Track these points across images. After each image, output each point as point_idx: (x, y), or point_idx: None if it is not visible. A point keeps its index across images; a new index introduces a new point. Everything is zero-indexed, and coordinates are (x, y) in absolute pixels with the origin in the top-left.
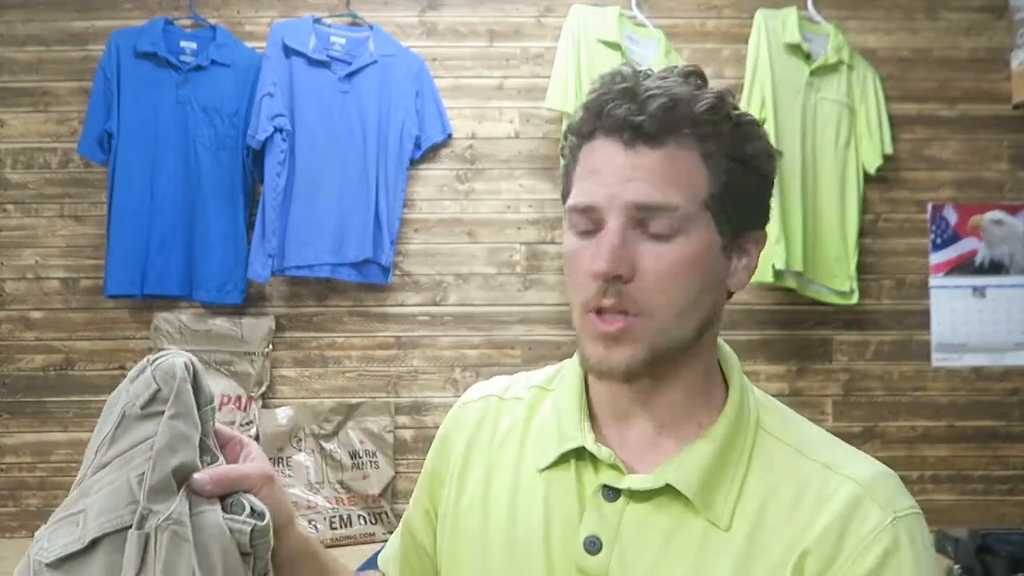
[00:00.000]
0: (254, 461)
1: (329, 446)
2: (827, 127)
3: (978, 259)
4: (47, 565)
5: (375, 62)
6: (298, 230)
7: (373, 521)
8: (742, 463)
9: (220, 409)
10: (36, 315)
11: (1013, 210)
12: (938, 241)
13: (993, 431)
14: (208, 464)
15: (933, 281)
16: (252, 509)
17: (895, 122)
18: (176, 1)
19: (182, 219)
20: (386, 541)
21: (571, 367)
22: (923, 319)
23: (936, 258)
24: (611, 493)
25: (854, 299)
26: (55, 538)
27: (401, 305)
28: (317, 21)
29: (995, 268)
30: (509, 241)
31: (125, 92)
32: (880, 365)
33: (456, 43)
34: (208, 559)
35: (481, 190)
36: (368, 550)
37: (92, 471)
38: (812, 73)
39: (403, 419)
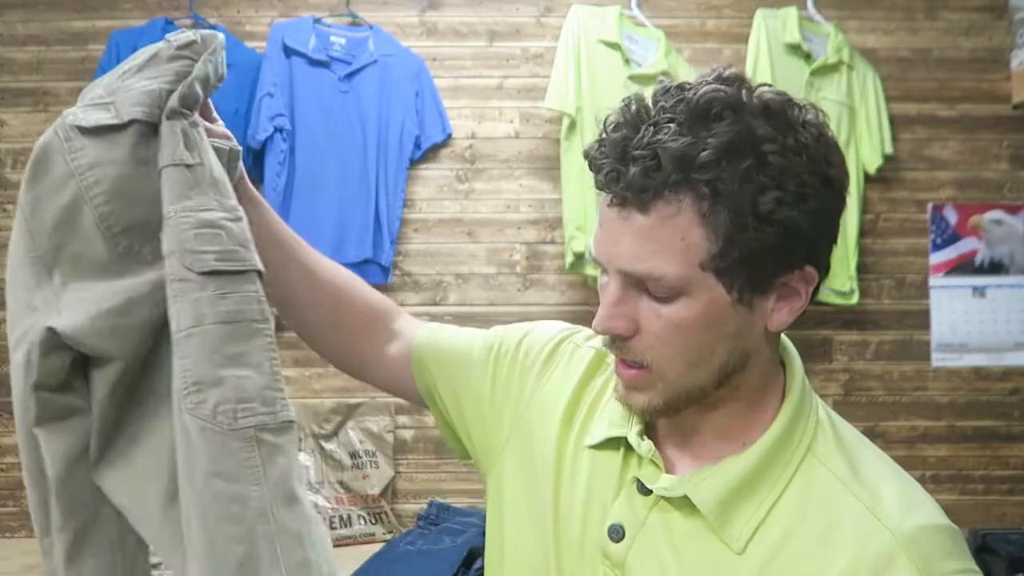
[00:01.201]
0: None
1: (329, 446)
2: None
3: (978, 259)
4: (82, 129)
5: (375, 62)
6: (298, 230)
7: (373, 521)
8: (777, 487)
9: None
10: None
11: (1013, 210)
12: (938, 241)
13: (993, 431)
14: None
15: (933, 281)
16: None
17: (895, 122)
18: (176, 1)
19: None
20: (386, 541)
21: None
22: (923, 319)
23: (936, 258)
24: (644, 487)
25: (854, 299)
26: (87, 115)
27: (401, 305)
28: (317, 21)
29: (995, 268)
30: (509, 241)
31: None
32: (880, 365)
33: (456, 43)
34: (216, 158)
35: (481, 190)
36: (368, 550)
37: (112, 84)
38: (812, 73)
39: (403, 419)
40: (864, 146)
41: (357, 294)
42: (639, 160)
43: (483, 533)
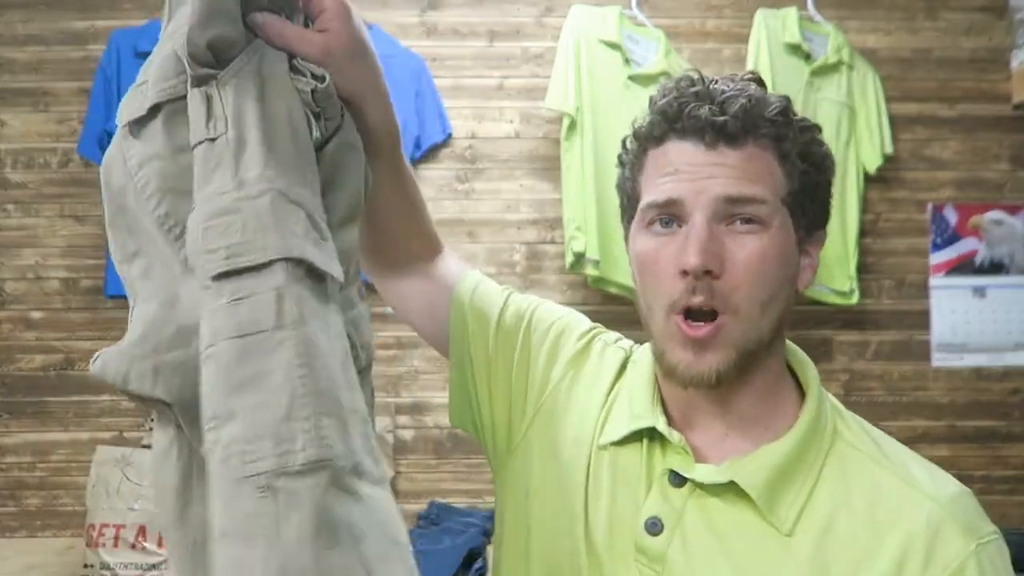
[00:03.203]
0: (330, 33)
1: None
2: (827, 127)
3: (978, 259)
4: (130, 125)
5: None
6: None
7: None
8: (814, 469)
9: None
10: (36, 315)
11: (1013, 210)
12: (938, 241)
13: (993, 431)
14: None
15: (933, 281)
16: (313, 74)
17: (895, 122)
18: None
19: None
20: None
21: (644, 355)
22: (923, 319)
23: (936, 258)
24: (678, 478)
25: (854, 299)
26: (125, 107)
27: None
28: None
29: (995, 268)
30: (509, 241)
31: (125, 92)
32: (880, 365)
33: (456, 43)
34: (272, 105)
35: (481, 190)
36: None
37: (160, 43)
38: (812, 73)
39: (403, 419)
40: (864, 146)
41: (426, 214)
42: (735, 100)
43: (483, 533)
